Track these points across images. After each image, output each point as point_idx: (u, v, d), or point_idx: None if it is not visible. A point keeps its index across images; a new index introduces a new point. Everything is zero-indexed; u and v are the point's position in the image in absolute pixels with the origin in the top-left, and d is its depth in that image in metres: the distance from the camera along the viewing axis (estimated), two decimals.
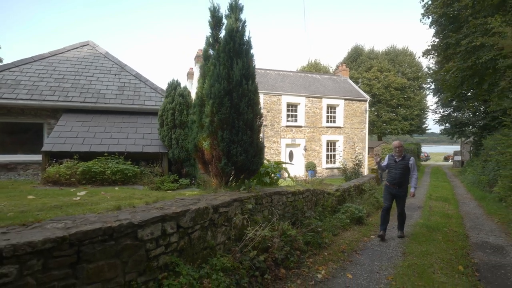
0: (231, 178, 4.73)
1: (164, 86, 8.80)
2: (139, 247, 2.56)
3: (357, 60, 39.98)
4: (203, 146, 4.65)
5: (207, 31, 5.16)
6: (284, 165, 6.98)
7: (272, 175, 5.90)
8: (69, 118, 7.33)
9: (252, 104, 4.62)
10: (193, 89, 23.81)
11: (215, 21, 5.04)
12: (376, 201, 8.81)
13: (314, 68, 41.57)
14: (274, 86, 21.65)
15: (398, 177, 5.76)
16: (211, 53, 5.06)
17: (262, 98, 20.91)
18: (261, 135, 5.01)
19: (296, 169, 20.36)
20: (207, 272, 3.02)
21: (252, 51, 4.96)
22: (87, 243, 2.19)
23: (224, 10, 5.08)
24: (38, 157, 7.59)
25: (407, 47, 40.47)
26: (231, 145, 4.40)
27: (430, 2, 13.16)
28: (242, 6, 4.97)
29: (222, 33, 5.06)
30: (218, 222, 3.49)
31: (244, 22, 4.93)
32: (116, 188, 5.32)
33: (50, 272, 2.00)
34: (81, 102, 7.68)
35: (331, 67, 44.80)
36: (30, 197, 3.36)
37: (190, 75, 28.73)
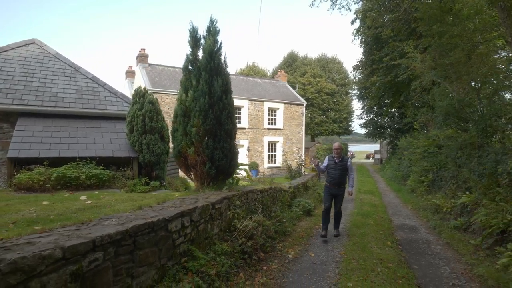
0: (211, 179, 5.44)
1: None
2: (169, 237, 3.20)
3: (292, 65, 42.78)
4: (188, 152, 5.28)
5: (186, 49, 5.77)
6: (242, 167, 7.85)
7: (234, 175, 6.72)
8: (27, 122, 7.09)
9: (230, 116, 5.41)
10: (133, 89, 23.12)
11: (194, 41, 5.67)
12: (319, 196, 10.23)
13: (253, 71, 43.13)
14: None
15: (337, 177, 6.01)
16: (190, 68, 5.67)
17: None
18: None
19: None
20: (212, 256, 3.76)
21: (228, 69, 5.76)
22: (139, 234, 2.79)
23: (202, 31, 5.75)
24: None
25: (336, 56, 44.88)
26: (214, 151, 5.14)
27: (359, 26, 15.46)
28: (219, 30, 5.71)
29: (200, 52, 5.73)
30: (214, 216, 4.22)
31: (221, 43, 5.68)
32: (96, 192, 5.56)
33: (119, 257, 2.57)
34: (38, 106, 7.44)
35: (268, 70, 47.08)
36: (45, 202, 3.60)
37: (129, 73, 27.73)
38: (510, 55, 5.51)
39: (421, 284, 4.14)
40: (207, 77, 5.25)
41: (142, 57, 21.42)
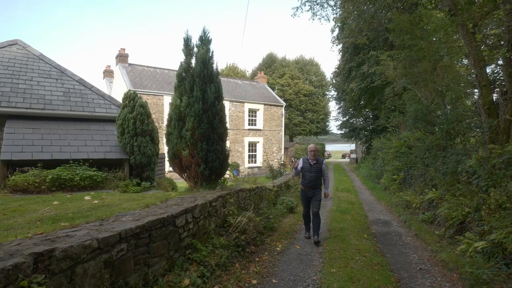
0: (205, 179, 5.82)
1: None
2: (175, 232, 3.58)
3: (271, 66, 43.52)
4: (182, 154, 5.63)
5: (180, 57, 6.11)
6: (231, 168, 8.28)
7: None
8: (16, 125, 7.13)
9: (222, 120, 5.83)
10: (112, 89, 22.84)
11: (188, 49, 6.03)
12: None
13: (232, 71, 43.44)
14: None
15: (313, 179, 5.92)
16: (184, 75, 6.02)
17: None
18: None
19: None
20: (211, 249, 4.16)
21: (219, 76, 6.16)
22: (153, 229, 3.15)
23: (195, 40, 6.12)
24: None
25: (314, 58, 46.05)
26: (208, 153, 5.53)
27: (338, 33, 16.31)
28: (211, 39, 6.10)
29: (193, 59, 6.10)
30: (211, 213, 4.63)
31: (213, 52, 6.08)
32: (92, 192, 5.78)
33: (138, 248, 2.93)
34: (27, 108, 7.48)
35: (247, 71, 47.59)
36: (55, 202, 3.83)
37: (107, 73, 27.29)
38: (469, 67, 6.26)
39: (393, 270, 4.74)
40: (200, 84, 5.63)
41: (122, 57, 21.22)
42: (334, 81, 26.95)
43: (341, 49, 17.64)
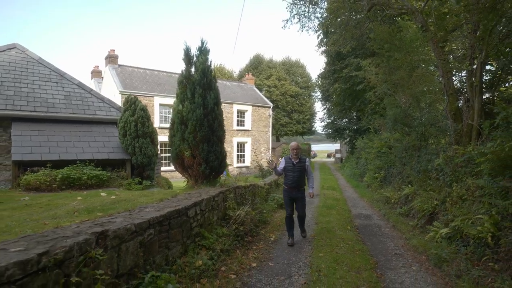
0: (205, 178, 6.42)
1: None
2: (188, 221, 4.18)
3: (258, 67, 44.22)
4: (185, 155, 6.21)
5: (181, 65, 6.68)
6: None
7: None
8: (22, 127, 7.50)
9: (221, 124, 6.44)
10: (102, 90, 22.94)
11: (188, 59, 6.60)
12: None
13: (219, 72, 43.84)
14: None
15: (296, 179, 5.67)
16: (185, 82, 6.59)
17: None
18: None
19: None
20: (216, 238, 4.77)
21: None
22: (172, 218, 3.74)
23: (194, 50, 6.71)
24: None
25: (299, 60, 47.13)
26: (208, 154, 6.13)
27: (321, 38, 17.18)
28: (209, 50, 6.70)
29: (193, 68, 6.67)
30: (214, 206, 5.23)
31: (211, 61, 6.68)
32: (100, 190, 6.25)
33: (161, 234, 3.51)
34: (31, 111, 7.85)
35: (234, 72, 48.14)
36: (79, 198, 4.33)
37: (95, 73, 27.29)
38: (440, 78, 7.08)
39: (372, 254, 5.48)
40: (201, 92, 6.23)
41: (111, 58, 21.41)
42: (320, 83, 27.91)
43: (324, 51, 18.52)
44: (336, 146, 40.40)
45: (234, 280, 3.92)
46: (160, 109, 21.10)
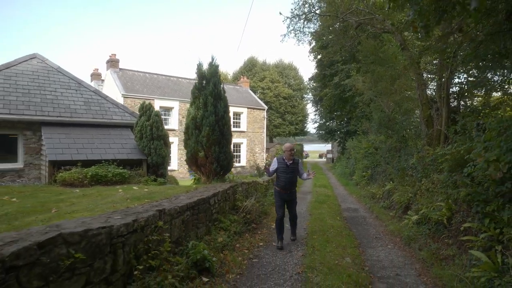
0: (216, 175, 7.50)
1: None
2: (209, 208, 5.25)
3: (252, 70, 45.36)
4: (199, 155, 7.28)
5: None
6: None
7: None
8: (50, 131, 8.45)
9: (229, 128, 7.54)
10: (104, 92, 23.74)
11: (200, 73, 7.67)
12: None
13: None
14: (188, 94, 23.91)
15: (289, 181, 5.53)
16: (197, 93, 7.65)
17: (177, 105, 22.99)
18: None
19: None
20: (229, 223, 5.86)
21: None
22: (200, 204, 4.81)
23: (205, 64, 7.79)
24: (13, 165, 8.47)
25: (292, 62, 48.43)
26: (219, 155, 7.21)
27: (314, 45, 18.45)
28: (218, 65, 7.79)
29: (204, 80, 7.74)
30: (227, 198, 6.32)
31: (219, 75, 7.77)
32: (125, 186, 7.28)
33: (193, 216, 4.58)
34: (57, 116, 8.80)
35: (229, 74, 49.20)
36: (120, 191, 5.33)
37: (95, 75, 28.06)
38: (417, 91, 8.31)
39: (357, 237, 6.63)
40: (212, 101, 7.31)
41: (113, 62, 22.26)
42: (311, 86, 29.18)
43: (315, 55, 19.79)
44: (328, 146, 41.76)
45: (247, 253, 5.02)
46: (160, 111, 22.00)
